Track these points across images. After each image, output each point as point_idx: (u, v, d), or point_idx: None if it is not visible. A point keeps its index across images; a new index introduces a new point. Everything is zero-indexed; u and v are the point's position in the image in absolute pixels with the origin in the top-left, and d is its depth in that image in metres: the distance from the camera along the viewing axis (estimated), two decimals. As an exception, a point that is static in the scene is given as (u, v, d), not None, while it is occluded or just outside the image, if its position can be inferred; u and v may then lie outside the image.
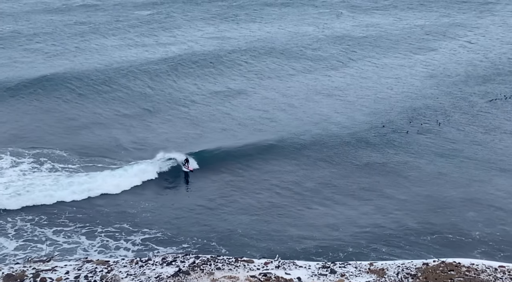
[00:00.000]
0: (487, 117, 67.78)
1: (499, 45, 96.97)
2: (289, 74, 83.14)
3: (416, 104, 71.05)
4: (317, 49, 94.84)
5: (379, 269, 32.45)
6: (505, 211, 48.00)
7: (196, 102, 71.93)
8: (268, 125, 64.38)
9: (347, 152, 57.73)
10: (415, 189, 50.75)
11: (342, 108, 70.50)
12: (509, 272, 30.54)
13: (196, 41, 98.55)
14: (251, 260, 35.12)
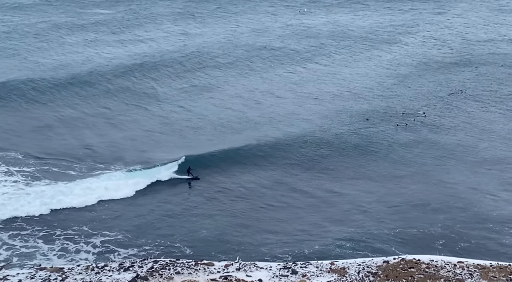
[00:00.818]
0: (450, 109, 68.11)
1: (456, 39, 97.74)
2: (254, 70, 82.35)
3: (377, 102, 71.05)
4: (281, 47, 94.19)
5: (340, 268, 31.98)
6: (464, 201, 48.03)
7: (161, 101, 70.67)
8: (235, 126, 63.42)
9: (309, 153, 57.11)
10: (376, 187, 50.50)
11: (300, 104, 70.04)
12: (467, 267, 30.34)
13: (154, 40, 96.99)
14: (211, 263, 34.36)
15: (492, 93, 73.72)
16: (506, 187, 51.77)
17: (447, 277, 29.47)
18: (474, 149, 58.69)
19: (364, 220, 45.13)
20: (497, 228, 44.77)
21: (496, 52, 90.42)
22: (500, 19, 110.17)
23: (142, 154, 56.08)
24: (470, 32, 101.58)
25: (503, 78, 79.09)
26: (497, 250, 42.02)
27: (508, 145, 59.56)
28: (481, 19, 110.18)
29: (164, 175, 51.29)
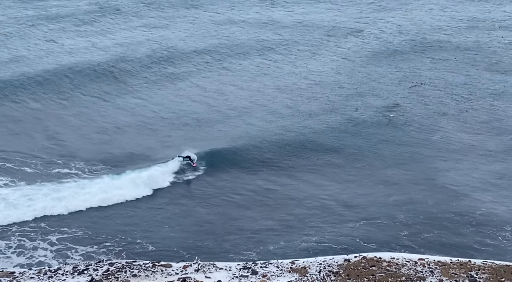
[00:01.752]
0: (410, 100, 68.20)
1: (413, 28, 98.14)
2: (223, 67, 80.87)
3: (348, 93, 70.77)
4: (246, 39, 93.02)
5: (301, 267, 31.26)
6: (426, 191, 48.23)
7: (126, 94, 68.81)
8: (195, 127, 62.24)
9: (267, 150, 56.40)
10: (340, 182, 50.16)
11: (256, 102, 69.14)
12: (428, 264, 29.94)
13: (120, 33, 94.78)
14: (169, 264, 33.30)
15: (447, 83, 74.17)
16: (464, 177, 52.00)
17: (408, 275, 28.99)
18: (429, 139, 58.99)
19: (328, 216, 44.61)
20: (457, 218, 44.75)
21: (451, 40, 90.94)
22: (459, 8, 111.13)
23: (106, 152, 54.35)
24: (428, 21, 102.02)
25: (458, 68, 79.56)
26: (457, 240, 42.36)
27: (463, 135, 59.97)
28: (440, 9, 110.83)
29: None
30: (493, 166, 54.69)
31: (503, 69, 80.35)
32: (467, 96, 71.02)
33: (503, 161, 55.69)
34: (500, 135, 60.77)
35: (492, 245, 42.68)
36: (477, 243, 43.00)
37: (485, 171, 53.79)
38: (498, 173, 53.46)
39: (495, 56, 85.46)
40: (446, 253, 40.96)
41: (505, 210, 47.66)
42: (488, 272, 28.24)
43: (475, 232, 44.57)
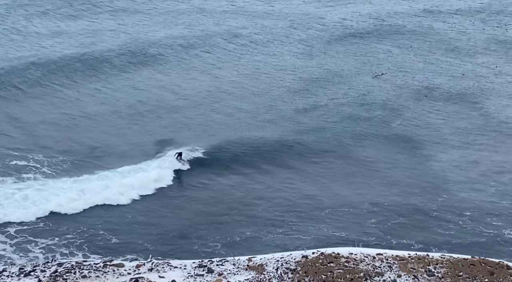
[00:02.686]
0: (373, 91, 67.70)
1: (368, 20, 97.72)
2: (193, 67, 78.63)
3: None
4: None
5: (258, 265, 30.11)
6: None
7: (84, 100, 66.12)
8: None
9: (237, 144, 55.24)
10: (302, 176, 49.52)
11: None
12: (386, 259, 29.15)
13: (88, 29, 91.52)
14: (121, 264, 31.74)
15: (407, 73, 73.94)
16: (424, 164, 51.90)
17: (366, 271, 28.16)
18: (388, 126, 58.69)
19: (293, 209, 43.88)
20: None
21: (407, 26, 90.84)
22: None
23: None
24: (388, 9, 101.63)
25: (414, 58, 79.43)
26: (422, 226, 42.77)
27: (421, 122, 59.90)
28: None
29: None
30: (451, 152, 54.65)
31: (460, 54, 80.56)
32: (426, 83, 70.89)
33: (460, 147, 55.74)
34: (459, 121, 60.78)
35: (453, 229, 42.86)
36: (440, 228, 43.02)
37: (445, 157, 53.72)
38: (457, 160, 53.43)
39: (453, 41, 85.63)
40: (411, 238, 41.00)
41: (465, 196, 47.73)
42: (446, 266, 27.62)
43: (438, 217, 44.71)
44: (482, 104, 65.45)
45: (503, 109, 63.95)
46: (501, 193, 48.35)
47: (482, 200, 47.58)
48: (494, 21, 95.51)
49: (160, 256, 36.16)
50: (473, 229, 43.86)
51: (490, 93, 68.17)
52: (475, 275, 26.78)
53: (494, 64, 76.37)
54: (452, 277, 26.96)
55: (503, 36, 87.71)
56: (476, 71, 74.60)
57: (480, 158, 54.24)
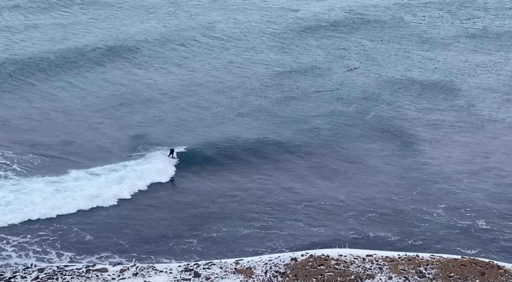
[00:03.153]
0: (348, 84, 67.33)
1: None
2: (167, 61, 76.86)
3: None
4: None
5: (246, 268, 29.14)
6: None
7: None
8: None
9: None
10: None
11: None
12: (377, 261, 28.49)
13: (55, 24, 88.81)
14: (104, 269, 30.43)
15: (379, 67, 73.77)
16: (398, 157, 51.92)
17: (357, 273, 27.45)
18: (363, 119, 58.51)
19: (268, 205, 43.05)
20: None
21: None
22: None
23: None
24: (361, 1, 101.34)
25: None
26: (399, 218, 42.44)
27: (395, 113, 59.82)
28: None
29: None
30: (425, 145, 54.73)
31: (432, 47, 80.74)
32: (399, 76, 70.79)
33: (433, 139, 55.95)
34: (432, 114, 60.86)
35: (428, 221, 43.00)
36: (416, 219, 42.90)
37: (419, 150, 53.74)
38: (430, 152, 53.46)
39: (423, 34, 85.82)
40: (388, 231, 40.79)
41: (439, 188, 47.80)
42: (437, 267, 27.08)
43: (414, 209, 44.76)
44: (454, 97, 65.79)
45: (474, 102, 64.34)
46: (473, 185, 48.58)
47: (455, 192, 47.68)
48: (463, 15, 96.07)
49: (134, 253, 35.12)
50: (447, 220, 43.92)
51: (461, 86, 68.52)
52: (466, 275, 26.33)
53: (465, 57, 76.78)
54: (443, 278, 26.45)
55: (472, 29, 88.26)
56: (447, 64, 74.90)
57: (452, 150, 54.40)
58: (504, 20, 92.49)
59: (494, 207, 45.39)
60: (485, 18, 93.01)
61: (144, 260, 35.00)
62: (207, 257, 37.26)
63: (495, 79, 69.53)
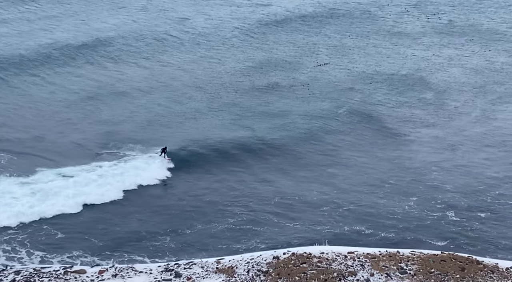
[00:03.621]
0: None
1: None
2: (138, 55, 75.28)
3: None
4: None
5: (227, 267, 28.52)
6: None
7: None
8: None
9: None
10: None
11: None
12: (358, 258, 28.22)
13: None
14: (82, 270, 29.46)
15: (349, 62, 73.64)
16: (369, 150, 52.00)
17: (339, 271, 27.11)
18: (335, 113, 58.39)
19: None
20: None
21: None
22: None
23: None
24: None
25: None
26: (371, 211, 42.33)
27: (367, 107, 59.84)
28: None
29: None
30: (395, 139, 54.93)
31: (399, 41, 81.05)
32: (370, 70, 70.82)
33: (403, 134, 56.16)
34: (400, 107, 61.05)
35: (400, 213, 43.11)
36: (388, 212, 43.00)
37: (390, 143, 53.96)
38: (400, 146, 53.70)
39: (391, 29, 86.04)
40: (361, 224, 40.79)
41: (410, 180, 48.02)
42: (418, 263, 26.93)
43: (387, 202, 44.82)
44: (423, 91, 66.16)
45: (442, 96, 64.83)
46: (442, 178, 48.92)
47: (426, 184, 47.93)
48: (429, 10, 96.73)
49: (107, 252, 34.30)
50: (419, 212, 44.14)
51: (430, 80, 68.94)
52: (447, 271, 26.24)
53: (432, 52, 77.29)
54: (424, 274, 26.31)
55: (438, 23, 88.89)
56: (416, 58, 75.28)
57: (422, 143, 54.69)
58: (469, 14, 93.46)
59: (463, 199, 45.75)
60: (451, 13, 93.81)
61: (117, 258, 34.24)
62: (180, 255, 36.58)
63: (461, 73, 70.21)
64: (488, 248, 39.02)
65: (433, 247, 38.28)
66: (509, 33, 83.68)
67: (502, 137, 55.41)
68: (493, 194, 46.35)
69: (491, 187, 47.55)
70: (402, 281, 25.48)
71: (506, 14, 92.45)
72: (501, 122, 58.62)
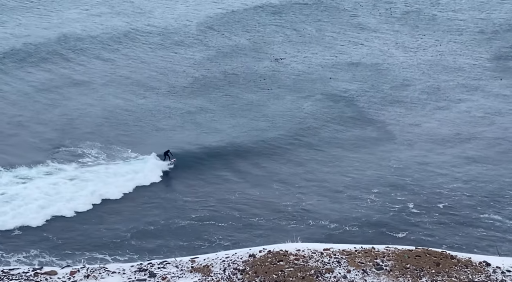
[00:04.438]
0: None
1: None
2: (97, 56, 72.76)
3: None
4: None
5: (203, 266, 27.59)
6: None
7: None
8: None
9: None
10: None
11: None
12: (334, 254, 27.79)
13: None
14: (53, 272, 27.94)
15: (305, 58, 73.46)
16: (330, 144, 51.95)
17: (317, 268, 26.62)
18: (301, 108, 57.89)
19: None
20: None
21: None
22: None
23: None
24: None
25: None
26: (336, 205, 42.79)
27: (330, 103, 59.73)
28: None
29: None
30: (353, 132, 55.25)
31: (354, 36, 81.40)
32: (328, 65, 70.85)
33: (361, 127, 56.54)
34: (358, 102, 61.37)
35: (364, 207, 43.55)
36: (351, 205, 43.91)
37: (347, 137, 54.22)
38: (358, 140, 54.07)
39: (345, 24, 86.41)
40: (326, 218, 40.89)
41: (371, 174, 48.43)
42: (393, 259, 26.74)
43: (349, 195, 45.28)
44: (380, 85, 66.79)
45: (398, 89, 65.59)
46: (401, 171, 49.50)
47: (386, 177, 48.32)
48: (382, 6, 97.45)
49: (68, 250, 32.92)
50: (381, 205, 44.51)
51: (387, 73, 69.64)
52: (422, 266, 26.15)
53: (386, 47, 77.94)
54: (400, 270, 26.13)
55: (391, 18, 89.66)
56: (371, 54, 75.74)
57: (380, 137, 55.19)
58: (423, 5, 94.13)
59: (421, 191, 46.32)
60: (403, 3, 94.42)
61: (78, 256, 33.10)
62: (140, 252, 35.62)
63: (417, 67, 71.05)
64: (445, 239, 39.65)
65: (396, 239, 38.54)
66: (463, 25, 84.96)
67: (456, 131, 56.42)
68: (450, 186, 47.07)
69: (447, 180, 48.33)
70: (378, 277, 25.20)
71: (459, 5, 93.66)
72: (455, 115, 59.72)
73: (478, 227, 42.02)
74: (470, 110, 61.05)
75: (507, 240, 41.05)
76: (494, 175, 49.39)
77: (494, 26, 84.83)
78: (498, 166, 50.57)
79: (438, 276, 25.56)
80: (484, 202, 45.10)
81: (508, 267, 25.89)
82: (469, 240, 40.36)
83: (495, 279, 25.23)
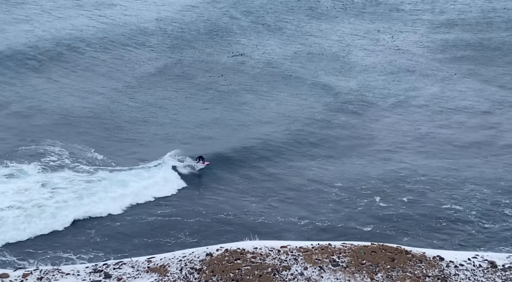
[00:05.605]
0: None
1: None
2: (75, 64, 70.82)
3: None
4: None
5: (159, 266, 26.67)
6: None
7: None
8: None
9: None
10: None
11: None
12: (291, 252, 27.15)
13: None
14: (5, 274, 26.68)
15: (263, 54, 72.87)
16: (292, 141, 51.54)
17: (274, 266, 25.94)
18: (266, 107, 57.34)
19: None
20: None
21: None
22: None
23: None
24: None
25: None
26: (306, 202, 42.87)
27: (294, 100, 59.37)
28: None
29: None
30: (314, 127, 55.02)
31: (315, 32, 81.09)
32: (287, 62, 70.31)
33: (327, 126, 56.27)
34: (323, 97, 61.17)
35: (331, 201, 43.13)
36: (318, 201, 43.66)
37: (308, 132, 53.94)
38: (319, 134, 53.85)
39: (305, 19, 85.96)
40: (294, 215, 40.41)
41: (333, 170, 48.23)
42: (349, 255, 26.21)
43: (315, 190, 45.03)
44: (340, 78, 66.51)
45: (362, 83, 65.44)
46: (364, 166, 49.36)
47: (351, 172, 48.05)
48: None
49: (31, 249, 31.83)
50: (349, 200, 44.24)
51: (348, 69, 69.44)
52: (378, 262, 25.67)
53: (346, 43, 77.78)
54: (356, 266, 25.62)
55: (352, 7, 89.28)
56: (332, 50, 75.45)
57: (341, 131, 55.03)
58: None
59: (385, 185, 46.11)
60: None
61: (41, 255, 31.92)
62: (103, 250, 34.57)
63: (378, 61, 70.83)
64: (409, 231, 39.48)
65: (363, 233, 38.14)
66: (425, 16, 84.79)
67: (416, 125, 56.44)
68: (412, 180, 46.97)
69: (410, 173, 48.26)
70: (335, 273, 24.63)
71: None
72: (414, 109, 59.75)
73: (439, 219, 42.28)
74: (428, 105, 61.36)
75: (465, 231, 41.23)
76: (452, 169, 49.54)
77: (449, 20, 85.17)
78: (457, 161, 50.81)
79: (393, 272, 25.14)
80: (445, 194, 45.39)
81: (461, 261, 25.61)
82: (429, 233, 40.45)
83: (449, 273, 24.91)
